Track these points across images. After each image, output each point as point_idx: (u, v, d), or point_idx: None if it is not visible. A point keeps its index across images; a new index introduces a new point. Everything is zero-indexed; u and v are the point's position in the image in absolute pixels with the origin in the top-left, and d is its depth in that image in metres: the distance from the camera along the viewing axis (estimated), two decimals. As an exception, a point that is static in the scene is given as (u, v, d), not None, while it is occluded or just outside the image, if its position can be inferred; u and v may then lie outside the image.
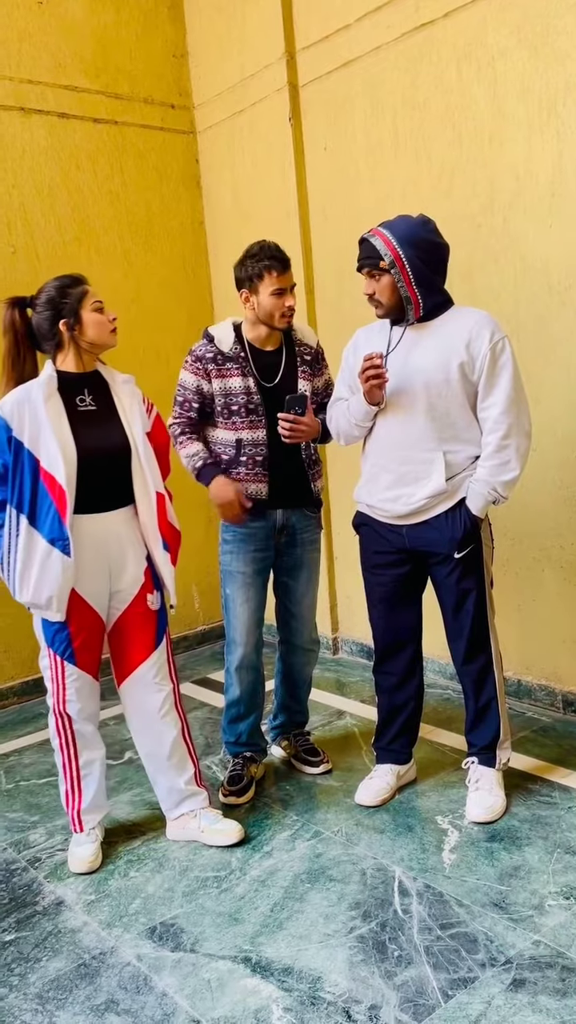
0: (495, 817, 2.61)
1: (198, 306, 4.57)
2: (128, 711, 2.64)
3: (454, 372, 2.45)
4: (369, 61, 3.61)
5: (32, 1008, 1.99)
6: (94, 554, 2.46)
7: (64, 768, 2.58)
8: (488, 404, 2.47)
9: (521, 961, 2.00)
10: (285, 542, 2.87)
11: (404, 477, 2.55)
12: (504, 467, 2.47)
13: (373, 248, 2.45)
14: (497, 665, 2.68)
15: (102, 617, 2.54)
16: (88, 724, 2.57)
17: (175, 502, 2.68)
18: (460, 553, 2.55)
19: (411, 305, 2.47)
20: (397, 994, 1.92)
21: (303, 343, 2.85)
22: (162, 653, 2.61)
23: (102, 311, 2.47)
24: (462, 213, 3.36)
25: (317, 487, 2.90)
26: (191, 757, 2.67)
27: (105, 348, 2.52)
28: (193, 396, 2.78)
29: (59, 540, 2.37)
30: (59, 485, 2.36)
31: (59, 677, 2.50)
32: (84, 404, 2.47)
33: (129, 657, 2.58)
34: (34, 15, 3.97)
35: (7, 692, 4.05)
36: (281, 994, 1.96)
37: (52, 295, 2.43)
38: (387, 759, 2.85)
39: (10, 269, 3.94)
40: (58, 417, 2.39)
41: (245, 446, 2.75)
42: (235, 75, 4.19)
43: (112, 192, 4.26)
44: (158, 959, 2.13)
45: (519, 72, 3.10)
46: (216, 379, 2.73)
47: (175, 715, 2.63)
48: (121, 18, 4.25)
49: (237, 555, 2.83)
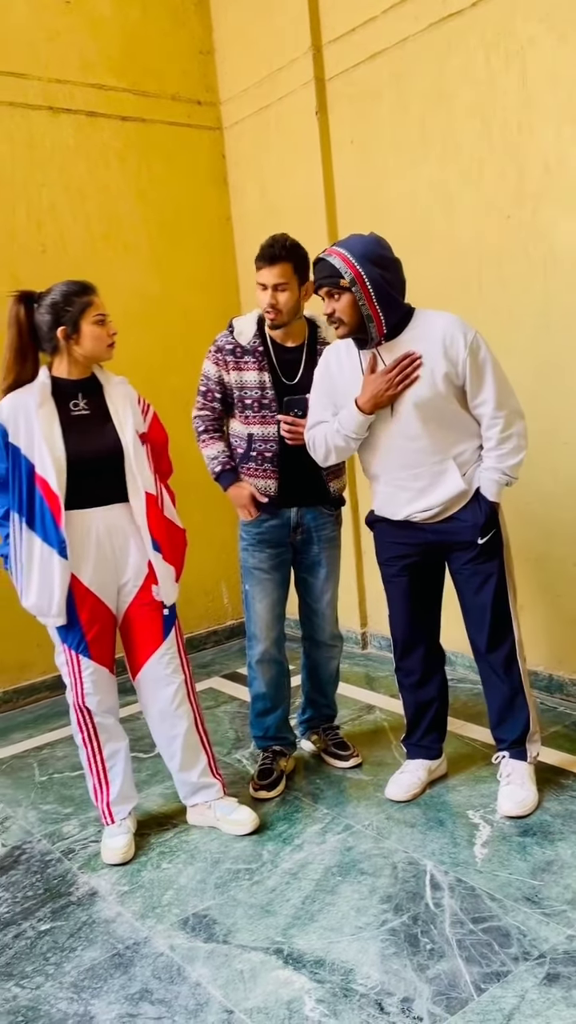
0: (527, 811, 2.59)
1: (225, 302, 4.58)
2: (143, 703, 2.68)
3: (440, 384, 2.44)
4: (396, 53, 3.59)
5: (68, 996, 2.02)
6: (97, 547, 2.49)
7: (89, 762, 2.62)
8: (480, 401, 2.49)
9: (555, 956, 1.99)
10: (302, 540, 2.87)
11: (422, 492, 2.56)
12: (511, 453, 2.52)
13: (331, 267, 2.40)
14: (521, 655, 2.66)
15: (112, 610, 2.58)
16: (108, 716, 2.60)
17: (195, 497, 2.71)
18: (483, 539, 2.56)
19: (372, 323, 2.42)
20: (430, 987, 1.92)
21: (325, 341, 2.79)
22: (171, 644, 2.64)
23: (103, 324, 2.46)
24: (491, 204, 3.34)
25: (335, 487, 2.87)
26: (204, 748, 2.71)
27: (100, 361, 2.54)
28: (215, 386, 2.79)
29: (56, 543, 2.41)
30: (52, 490, 2.40)
31: (76, 672, 2.54)
32: (77, 409, 2.49)
33: (140, 649, 2.62)
34: (62, 15, 4.00)
35: (40, 686, 4.10)
36: (313, 985, 1.97)
37: (56, 300, 2.43)
38: (418, 755, 2.84)
39: (40, 267, 3.97)
40: (49, 424, 2.42)
41: (255, 441, 2.75)
42: (262, 70, 4.19)
43: (140, 189, 4.28)
44: (191, 950, 2.14)
45: (548, 61, 3.07)
46: (234, 371, 2.74)
47: (188, 706, 2.66)
48: (148, 15, 4.26)
49: (254, 553, 2.86)
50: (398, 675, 2.84)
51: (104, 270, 4.06)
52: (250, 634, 2.94)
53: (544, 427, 3.15)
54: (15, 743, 3.60)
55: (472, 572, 2.61)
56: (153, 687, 2.63)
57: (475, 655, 2.73)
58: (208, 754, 2.72)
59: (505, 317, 3.35)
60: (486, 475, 2.53)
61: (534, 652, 3.49)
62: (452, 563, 2.67)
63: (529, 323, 3.29)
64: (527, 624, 3.48)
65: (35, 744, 3.57)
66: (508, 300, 3.35)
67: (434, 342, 2.43)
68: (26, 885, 2.50)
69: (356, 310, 2.42)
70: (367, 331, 2.45)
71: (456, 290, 3.46)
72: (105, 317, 2.47)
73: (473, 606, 2.65)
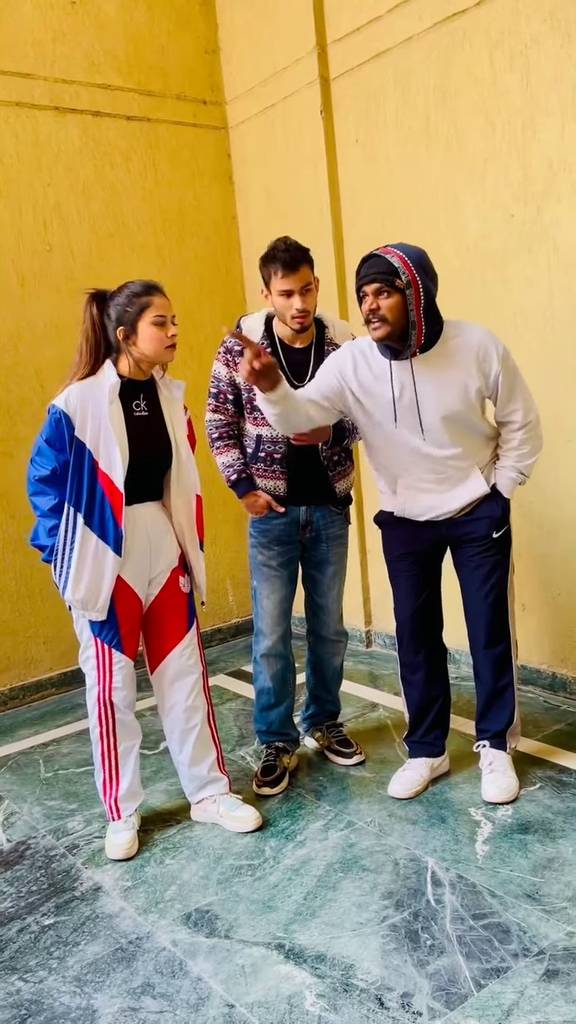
0: (511, 797, 2.66)
1: (231, 301, 4.60)
2: (161, 695, 2.70)
3: (472, 397, 2.49)
4: (400, 52, 3.60)
5: (71, 990, 2.04)
6: (138, 541, 2.54)
7: (103, 757, 2.63)
8: (512, 409, 2.55)
9: (555, 952, 1.99)
10: (310, 538, 2.89)
11: (445, 494, 2.60)
12: (530, 453, 2.62)
13: (390, 264, 2.35)
14: (515, 651, 2.73)
15: (142, 601, 2.61)
16: (129, 712, 2.63)
17: (206, 496, 2.73)
18: (498, 533, 2.61)
19: (414, 331, 2.39)
20: (430, 982, 1.93)
21: (334, 342, 2.78)
22: (194, 636, 2.69)
23: (164, 325, 2.45)
24: (495, 203, 3.34)
25: (342, 487, 2.88)
26: (215, 742, 2.74)
27: (158, 362, 2.53)
28: (227, 387, 2.79)
29: (114, 539, 2.45)
30: (116, 487, 2.44)
31: (107, 666, 2.56)
32: (139, 409, 2.53)
33: (165, 639, 2.65)
34: (68, 15, 4.02)
35: (46, 683, 4.12)
36: (314, 980, 1.98)
37: (120, 300, 2.44)
38: (420, 752, 2.85)
39: (46, 267, 4.00)
40: (119, 423, 2.45)
41: (264, 442, 2.76)
42: (267, 69, 4.20)
43: (145, 189, 4.29)
44: (193, 944, 2.16)
45: (552, 59, 3.07)
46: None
47: (203, 699, 2.70)
48: (153, 15, 4.28)
49: (263, 550, 2.87)
50: (402, 671, 2.86)
51: (110, 269, 4.08)
52: (257, 629, 2.96)
53: (547, 426, 3.13)
54: (21, 739, 3.62)
55: (479, 563, 2.66)
56: (174, 678, 2.66)
57: (472, 647, 2.76)
58: (218, 748, 2.76)
59: (509, 316, 3.35)
60: (504, 473, 2.61)
61: (536, 650, 3.50)
62: (460, 554, 2.70)
63: (533, 322, 3.29)
64: (529, 623, 3.49)
65: (41, 740, 3.59)
66: (512, 299, 3.35)
67: (467, 356, 2.46)
68: (31, 880, 2.53)
69: (403, 314, 2.37)
70: (407, 338, 2.41)
71: (461, 289, 3.47)
72: (166, 318, 2.45)
73: (476, 598, 2.69)
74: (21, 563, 3.99)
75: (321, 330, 2.80)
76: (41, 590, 4.04)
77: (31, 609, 4.05)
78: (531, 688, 3.51)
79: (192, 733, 2.68)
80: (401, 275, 2.35)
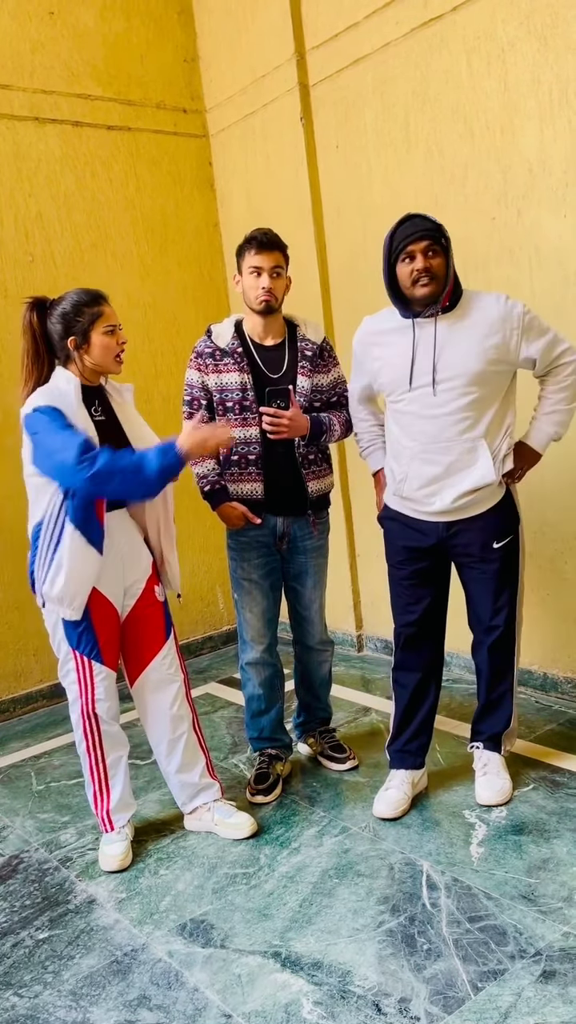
0: (505, 799, 2.66)
1: (214, 308, 4.60)
2: (142, 706, 2.68)
3: (492, 357, 2.44)
4: (378, 58, 3.61)
5: (66, 1004, 2.02)
6: (110, 550, 2.50)
7: (92, 770, 2.61)
8: (562, 351, 2.51)
9: (551, 953, 1.99)
10: (288, 549, 2.87)
11: (449, 470, 2.50)
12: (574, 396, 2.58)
13: (434, 222, 2.40)
14: (517, 657, 2.73)
15: (119, 612, 2.59)
16: (114, 723, 2.61)
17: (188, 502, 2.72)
18: (500, 543, 2.56)
19: (445, 290, 2.43)
20: (427, 987, 1.93)
21: (306, 338, 2.80)
22: (172, 645, 2.67)
23: (114, 334, 2.47)
24: (476, 206, 3.36)
25: (316, 487, 2.82)
26: (202, 748, 2.73)
27: (107, 372, 2.54)
28: (200, 393, 2.79)
29: (97, 537, 2.42)
30: None
31: (87, 678, 2.53)
32: (97, 414, 2.51)
33: (144, 650, 2.64)
34: (46, 25, 4.02)
35: (36, 695, 4.10)
36: (311, 988, 1.97)
37: (67, 310, 2.43)
38: (402, 763, 2.78)
39: (29, 277, 3.99)
40: (87, 425, 2.43)
41: (237, 444, 2.73)
42: (246, 77, 4.21)
43: (127, 198, 4.29)
44: (189, 955, 2.15)
45: (529, 64, 3.09)
46: (213, 374, 2.74)
47: (187, 707, 2.69)
48: (132, 25, 4.28)
49: (241, 563, 2.86)
50: (395, 674, 2.80)
51: (93, 279, 4.07)
52: (242, 640, 2.94)
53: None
54: (12, 752, 3.60)
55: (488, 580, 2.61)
56: (156, 689, 2.64)
57: (474, 648, 2.74)
58: (206, 755, 2.75)
59: (492, 318, 3.36)
60: (542, 422, 2.58)
61: (527, 651, 3.51)
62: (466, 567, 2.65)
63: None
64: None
65: (32, 753, 3.57)
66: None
67: (489, 316, 2.45)
68: (24, 894, 2.51)
69: (446, 273, 2.42)
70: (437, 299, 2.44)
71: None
72: (115, 327, 2.47)
73: (486, 614, 2.65)
74: (10, 575, 3.97)
75: (292, 329, 2.82)
76: (31, 602, 4.01)
77: (20, 621, 4.03)
78: (523, 689, 3.51)
79: (180, 742, 2.67)
80: (446, 233, 2.41)
